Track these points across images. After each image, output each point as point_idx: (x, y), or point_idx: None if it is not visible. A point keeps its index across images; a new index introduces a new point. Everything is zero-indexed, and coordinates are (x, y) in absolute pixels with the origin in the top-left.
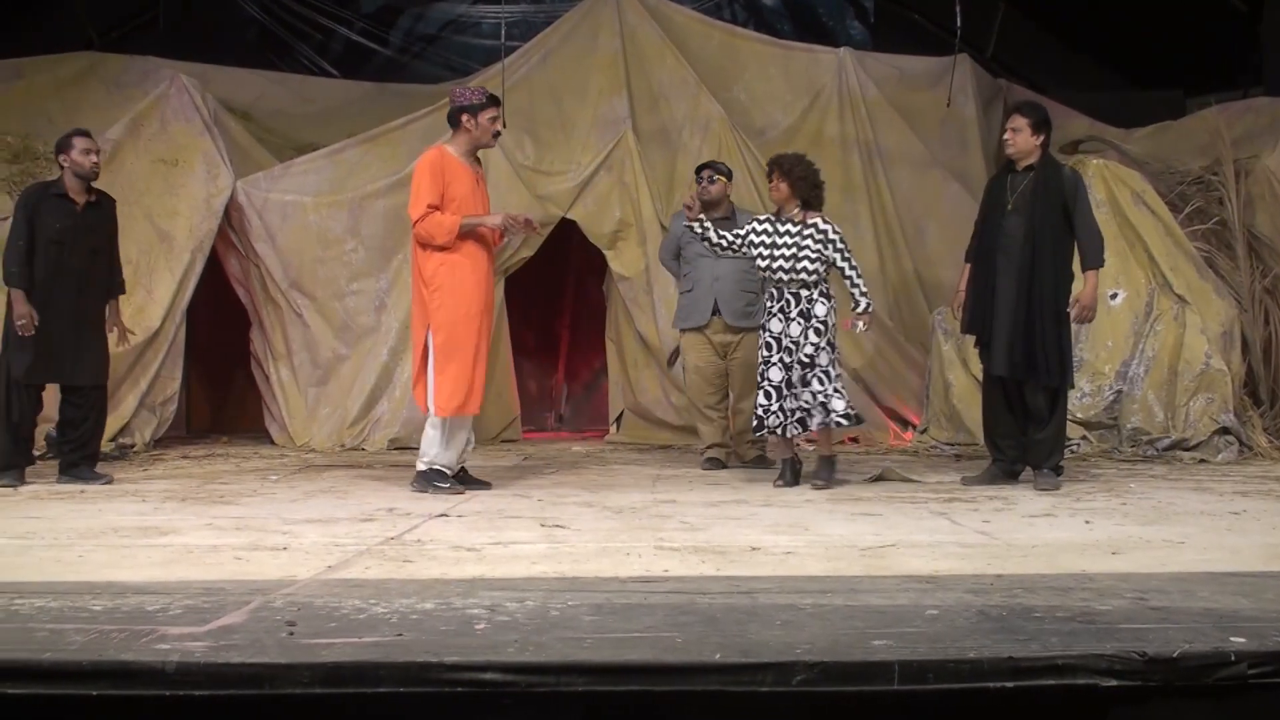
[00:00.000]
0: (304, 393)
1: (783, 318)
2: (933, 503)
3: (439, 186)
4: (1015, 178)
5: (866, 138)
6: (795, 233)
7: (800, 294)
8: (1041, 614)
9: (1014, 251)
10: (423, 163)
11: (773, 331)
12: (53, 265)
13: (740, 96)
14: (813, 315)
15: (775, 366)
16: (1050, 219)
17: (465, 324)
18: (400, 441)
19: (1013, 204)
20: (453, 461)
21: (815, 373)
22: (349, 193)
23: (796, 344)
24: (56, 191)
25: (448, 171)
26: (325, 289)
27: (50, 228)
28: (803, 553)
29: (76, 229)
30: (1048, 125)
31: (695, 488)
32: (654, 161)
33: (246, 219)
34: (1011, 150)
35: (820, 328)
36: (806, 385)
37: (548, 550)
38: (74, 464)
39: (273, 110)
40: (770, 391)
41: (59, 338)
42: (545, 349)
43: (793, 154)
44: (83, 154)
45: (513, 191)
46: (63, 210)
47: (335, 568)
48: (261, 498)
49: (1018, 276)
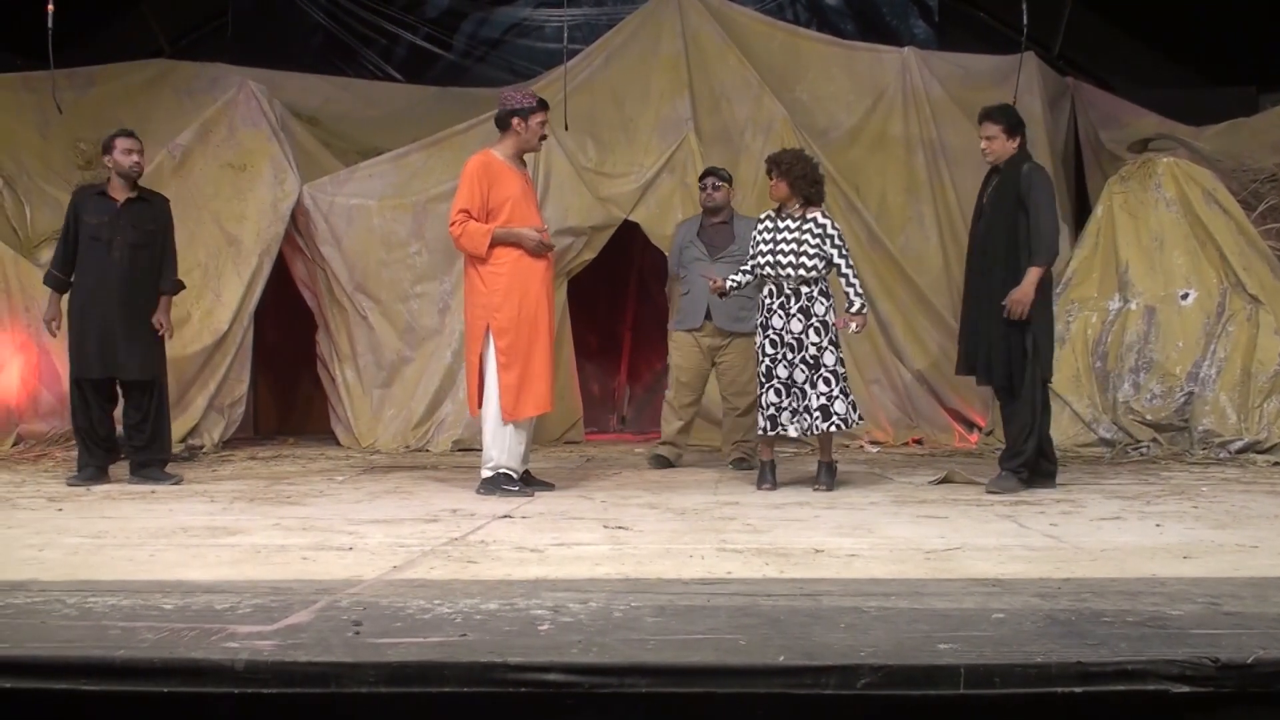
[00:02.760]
0: (369, 394)
1: (783, 314)
2: (999, 505)
3: (478, 192)
4: (989, 175)
5: (931, 137)
6: (796, 228)
7: (800, 290)
8: (1111, 618)
9: (975, 254)
10: (467, 167)
11: (774, 328)
12: (95, 261)
13: (803, 97)
14: (812, 313)
15: (781, 363)
16: (1002, 219)
17: (528, 326)
18: (464, 443)
19: (986, 200)
20: (518, 464)
21: (821, 374)
22: (413, 196)
23: (799, 341)
24: (98, 190)
25: (493, 176)
26: (390, 292)
27: (89, 225)
28: (867, 555)
29: (114, 225)
30: (1021, 126)
31: (758, 490)
32: (716, 163)
33: (312, 223)
34: (990, 158)
35: (820, 326)
36: (814, 386)
37: (611, 551)
38: (143, 464)
39: (338, 115)
40: (780, 389)
41: (104, 333)
42: (608, 351)
43: (790, 151)
44: (124, 154)
45: (575, 194)
46: (101, 207)
47: (400, 568)
48: (328, 498)
49: (976, 278)
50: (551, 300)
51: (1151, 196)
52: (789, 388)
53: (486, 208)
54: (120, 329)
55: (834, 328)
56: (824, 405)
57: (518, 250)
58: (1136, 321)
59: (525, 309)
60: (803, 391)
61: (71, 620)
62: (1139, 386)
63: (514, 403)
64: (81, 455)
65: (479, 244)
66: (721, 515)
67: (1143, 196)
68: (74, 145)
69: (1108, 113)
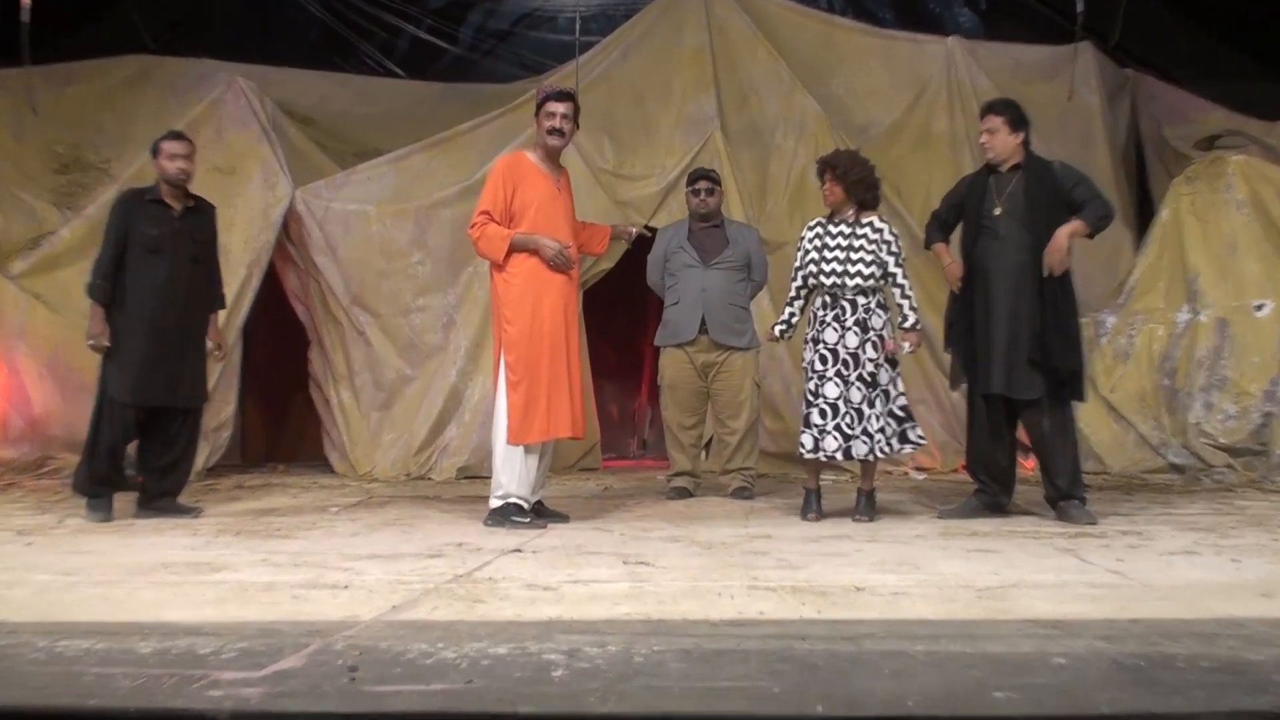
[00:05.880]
0: (366, 417)
1: (838, 327)
2: (1058, 538)
3: (502, 194)
4: (1000, 179)
5: (977, 134)
6: (849, 234)
7: (856, 301)
8: (1184, 664)
9: (1008, 258)
10: (494, 166)
11: (827, 342)
12: (152, 276)
13: (839, 92)
14: (870, 326)
15: (831, 382)
16: (1048, 219)
17: (540, 341)
18: (470, 470)
19: (1002, 206)
20: (529, 493)
21: (878, 393)
22: (415, 201)
23: (855, 357)
24: (151, 197)
25: (519, 177)
26: (389, 305)
27: (146, 236)
28: (913, 593)
29: (175, 236)
30: (1025, 122)
31: (792, 521)
32: (744, 164)
33: (306, 230)
34: (991, 155)
35: (878, 341)
36: (872, 406)
37: (631, 590)
38: (157, 496)
39: (335, 114)
40: (826, 410)
41: (160, 354)
42: (627, 369)
43: (846, 152)
44: (168, 159)
45: (591, 198)
46: (160, 216)
47: (400, 608)
48: (321, 531)
49: (1016, 284)
50: (574, 316)
51: (1221, 198)
52: (836, 408)
53: (510, 211)
54: (174, 351)
55: (883, 347)
56: (886, 427)
57: (535, 259)
58: (1207, 335)
59: (538, 322)
60: (859, 412)
61: (41, 665)
62: (1211, 406)
63: (520, 424)
64: (96, 485)
65: (496, 249)
66: (753, 549)
67: (1212, 198)
68: (49, 149)
69: (1172, 107)
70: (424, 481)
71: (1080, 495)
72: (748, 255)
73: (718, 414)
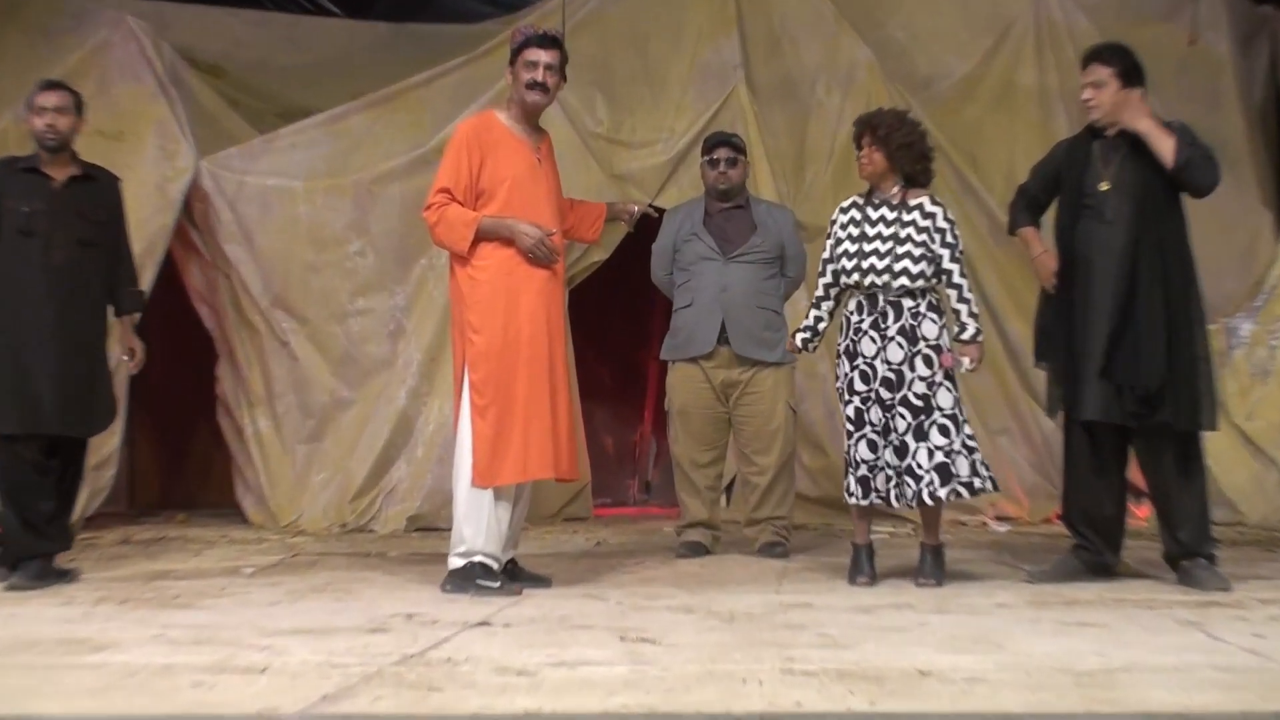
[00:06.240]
0: (290, 452)
1: (877, 336)
2: (1180, 608)
3: (466, 166)
4: (1104, 144)
5: (1075, 89)
6: (893, 219)
7: (901, 304)
8: None
9: (1114, 246)
10: (455, 133)
11: (865, 356)
12: (24, 265)
13: (897, 35)
14: (919, 336)
15: (875, 406)
16: (1168, 196)
17: (513, 354)
18: (423, 520)
19: (1108, 180)
20: (499, 549)
21: (934, 420)
22: (354, 175)
23: (900, 375)
24: (25, 165)
25: (489, 145)
26: (321, 308)
27: (17, 214)
28: (993, 679)
29: (55, 213)
30: (1139, 73)
31: (839, 586)
32: (776, 127)
33: (214, 211)
34: (1096, 115)
35: (930, 355)
36: (923, 438)
37: (630, 674)
38: (30, 553)
39: (252, 63)
40: (873, 440)
41: (36, 367)
42: (626, 390)
43: (889, 111)
44: (37, 114)
45: (580, 169)
46: (33, 189)
47: (333, 698)
48: (231, 599)
49: (1125, 278)
50: (559, 322)
51: None
52: (880, 440)
53: (476, 188)
54: (55, 363)
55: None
56: (941, 464)
57: (508, 248)
58: None
59: (512, 330)
60: (904, 445)
61: None
62: None
63: (488, 462)
64: (21, 543)
65: (460, 236)
66: (787, 622)
67: None
68: None
69: None
70: (364, 535)
71: (1209, 553)
72: (780, 244)
73: (742, 448)
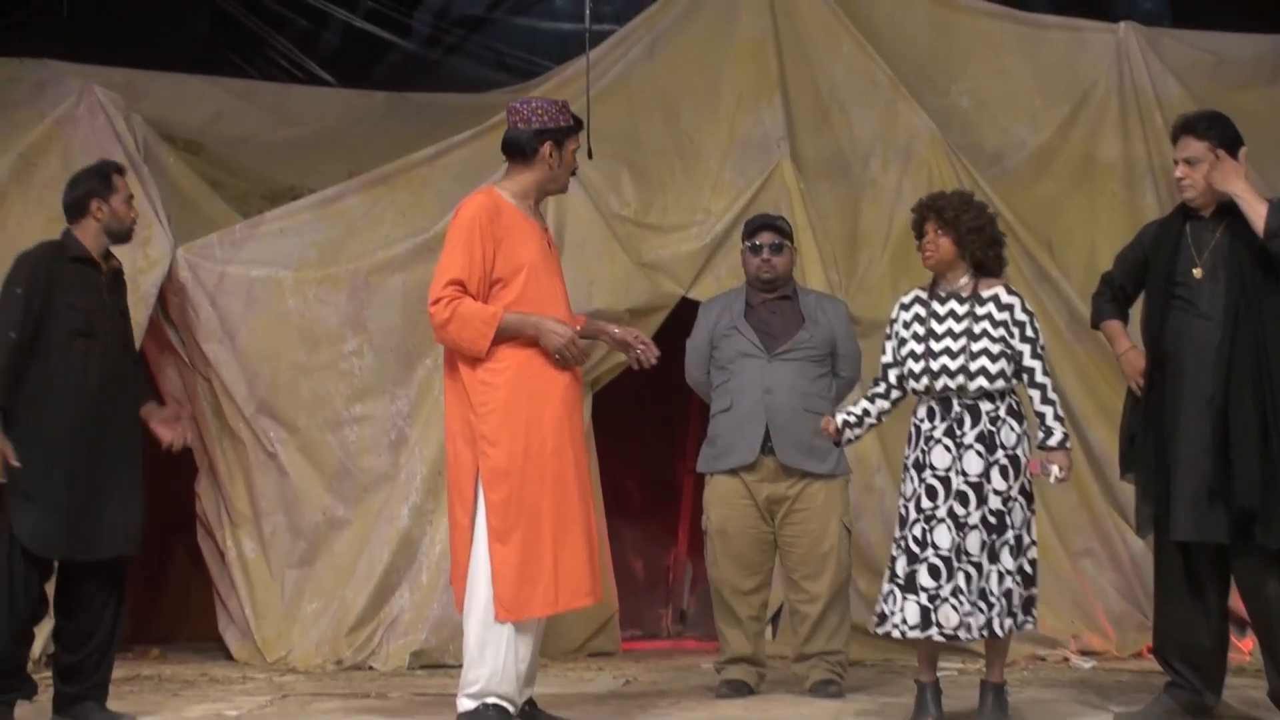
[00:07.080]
0: (279, 579)
1: (952, 445)
2: None
3: (479, 253)
4: (1198, 227)
5: (1165, 162)
6: (965, 313)
7: (979, 408)
8: None
9: (1208, 341)
10: (460, 215)
11: (937, 469)
12: (80, 371)
13: (962, 103)
14: (999, 443)
15: (944, 524)
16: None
17: (539, 470)
18: (429, 656)
19: (1203, 267)
20: (515, 690)
21: (1005, 540)
22: (349, 264)
23: (977, 489)
24: (76, 255)
25: (503, 229)
26: (312, 415)
27: (73, 313)
28: None
29: (106, 311)
30: (1238, 145)
31: None
32: (826, 207)
33: (192, 306)
34: (1190, 194)
35: (1008, 466)
36: (995, 559)
37: None
38: (77, 696)
39: (234, 138)
40: (938, 566)
41: (83, 483)
42: (658, 507)
43: (956, 194)
44: (125, 201)
45: (604, 257)
46: (88, 284)
47: None
48: None
49: (1220, 379)
50: (581, 431)
51: None
52: (949, 565)
53: (490, 279)
54: (99, 478)
55: (1026, 469)
56: (1009, 590)
57: (528, 349)
58: None
59: (536, 442)
60: (977, 568)
61: None
62: None
63: (514, 592)
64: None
65: (477, 334)
66: None
67: None
68: None
69: None
70: (362, 673)
71: None
72: (832, 340)
73: (789, 573)
